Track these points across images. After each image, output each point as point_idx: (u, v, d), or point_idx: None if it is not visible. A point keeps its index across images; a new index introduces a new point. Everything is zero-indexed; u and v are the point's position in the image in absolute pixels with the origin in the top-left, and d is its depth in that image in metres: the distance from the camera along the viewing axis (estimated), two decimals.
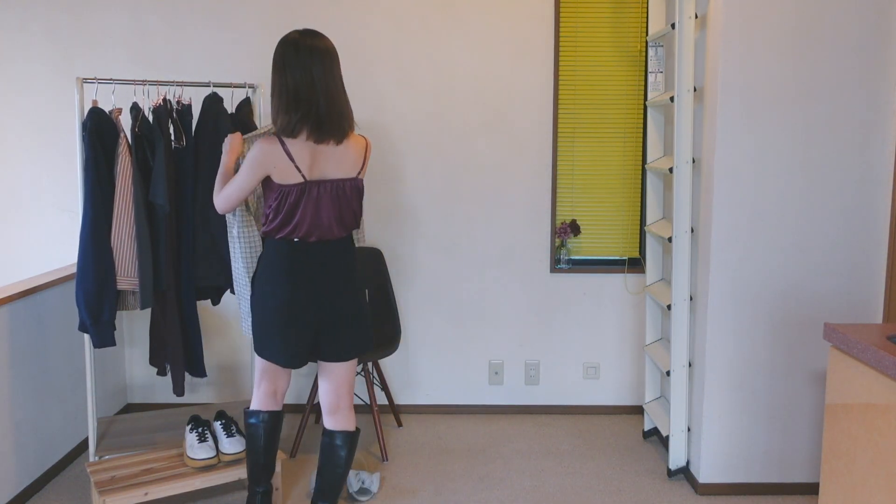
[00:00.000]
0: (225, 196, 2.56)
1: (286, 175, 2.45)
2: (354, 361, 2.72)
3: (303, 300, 2.54)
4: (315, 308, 2.56)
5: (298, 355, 2.60)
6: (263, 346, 2.61)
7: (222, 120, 3.06)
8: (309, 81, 2.42)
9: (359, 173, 2.58)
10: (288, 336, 2.56)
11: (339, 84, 2.49)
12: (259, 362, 2.70)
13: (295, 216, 2.48)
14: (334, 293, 2.59)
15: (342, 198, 2.54)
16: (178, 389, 3.11)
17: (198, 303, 3.24)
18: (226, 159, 2.64)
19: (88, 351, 3.01)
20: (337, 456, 2.71)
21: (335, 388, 2.70)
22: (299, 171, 2.45)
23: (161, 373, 3.16)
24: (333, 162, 2.51)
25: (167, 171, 2.92)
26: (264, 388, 2.73)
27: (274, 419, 2.75)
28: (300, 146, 2.45)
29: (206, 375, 3.20)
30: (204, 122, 3.07)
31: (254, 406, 2.75)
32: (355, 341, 2.66)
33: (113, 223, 2.87)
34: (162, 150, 2.91)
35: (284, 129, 2.44)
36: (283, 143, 2.44)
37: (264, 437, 2.75)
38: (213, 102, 3.09)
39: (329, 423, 2.73)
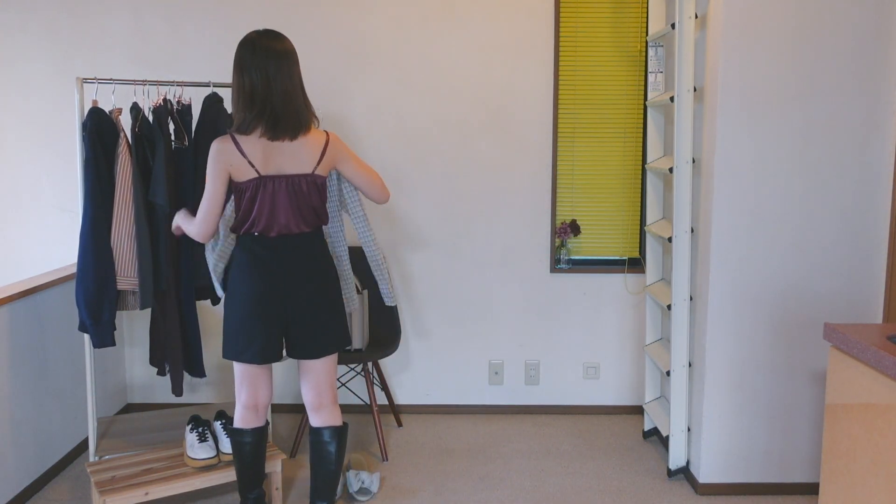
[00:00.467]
0: (200, 215, 2.56)
1: (242, 172, 2.50)
2: (332, 359, 2.73)
3: (268, 294, 2.56)
4: (281, 302, 2.58)
5: (266, 350, 2.59)
6: (232, 344, 2.61)
7: (222, 120, 3.06)
8: (264, 81, 2.46)
9: (315, 169, 2.58)
10: (254, 330, 2.57)
11: (296, 83, 2.53)
12: (236, 370, 2.69)
13: (252, 211, 2.52)
14: (300, 288, 2.60)
15: (299, 193, 2.55)
16: (178, 389, 3.11)
17: (197, 303, 3.24)
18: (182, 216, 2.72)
19: (88, 351, 3.01)
20: (327, 452, 2.72)
21: (315, 386, 2.71)
22: (252, 166, 2.49)
23: (161, 373, 3.16)
24: (289, 157, 2.53)
25: (167, 170, 2.92)
26: (244, 399, 2.70)
27: (258, 435, 2.75)
28: (253, 143, 2.49)
29: (205, 376, 3.20)
30: (204, 122, 3.07)
31: (237, 424, 2.74)
32: (327, 338, 2.67)
33: (113, 223, 2.87)
34: (162, 150, 2.91)
35: (239, 126, 2.50)
36: (235, 141, 2.49)
37: (251, 453, 2.75)
38: (213, 102, 3.08)
39: (314, 420, 2.74)
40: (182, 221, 2.70)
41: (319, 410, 2.73)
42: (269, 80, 2.46)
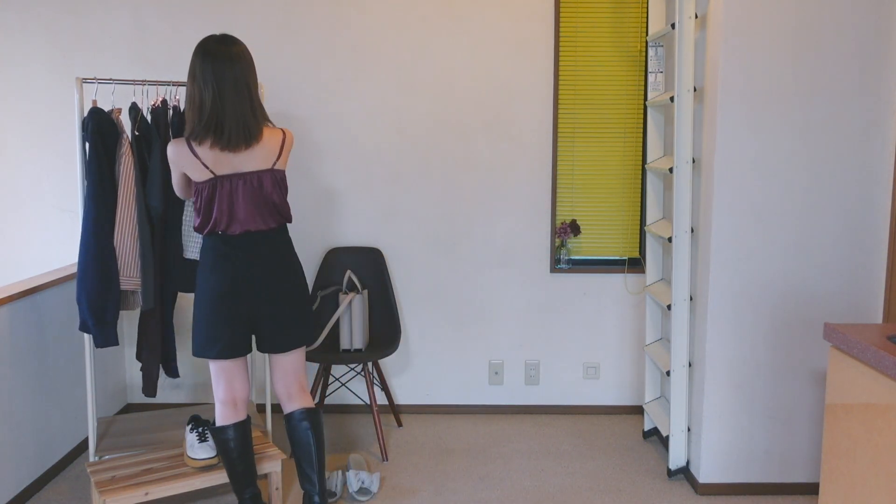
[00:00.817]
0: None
1: (197, 173, 2.55)
2: (298, 353, 2.77)
3: (232, 290, 2.60)
4: (246, 298, 2.62)
5: (232, 345, 2.64)
6: (199, 341, 2.65)
7: None
8: (214, 94, 2.49)
9: (274, 164, 2.61)
10: (219, 326, 2.61)
11: (244, 95, 2.53)
12: (211, 367, 2.71)
13: (212, 211, 2.56)
14: (265, 284, 2.64)
15: (259, 190, 2.58)
16: (151, 387, 3.14)
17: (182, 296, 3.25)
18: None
19: (88, 351, 3.01)
20: (302, 433, 2.75)
21: (282, 379, 2.78)
22: (207, 168, 2.52)
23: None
24: (245, 159, 2.56)
25: (162, 172, 2.92)
26: (221, 394, 2.72)
27: (240, 429, 2.76)
28: (206, 149, 2.53)
29: (178, 376, 3.24)
30: None
31: (218, 422, 2.76)
32: (293, 333, 2.72)
33: (116, 224, 2.87)
34: (158, 151, 2.91)
35: (191, 134, 2.53)
36: (189, 145, 2.53)
37: (236, 448, 2.76)
38: None
39: (286, 409, 2.80)
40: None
41: (289, 400, 2.79)
42: (217, 94, 2.48)
